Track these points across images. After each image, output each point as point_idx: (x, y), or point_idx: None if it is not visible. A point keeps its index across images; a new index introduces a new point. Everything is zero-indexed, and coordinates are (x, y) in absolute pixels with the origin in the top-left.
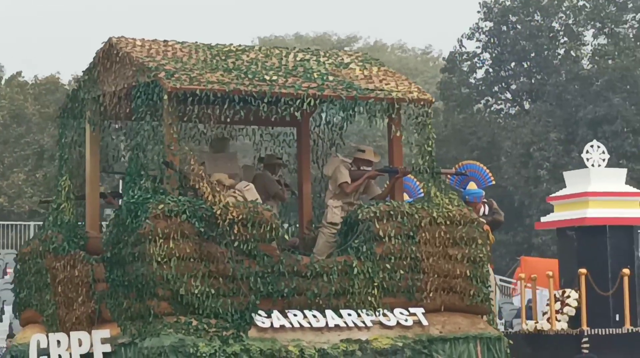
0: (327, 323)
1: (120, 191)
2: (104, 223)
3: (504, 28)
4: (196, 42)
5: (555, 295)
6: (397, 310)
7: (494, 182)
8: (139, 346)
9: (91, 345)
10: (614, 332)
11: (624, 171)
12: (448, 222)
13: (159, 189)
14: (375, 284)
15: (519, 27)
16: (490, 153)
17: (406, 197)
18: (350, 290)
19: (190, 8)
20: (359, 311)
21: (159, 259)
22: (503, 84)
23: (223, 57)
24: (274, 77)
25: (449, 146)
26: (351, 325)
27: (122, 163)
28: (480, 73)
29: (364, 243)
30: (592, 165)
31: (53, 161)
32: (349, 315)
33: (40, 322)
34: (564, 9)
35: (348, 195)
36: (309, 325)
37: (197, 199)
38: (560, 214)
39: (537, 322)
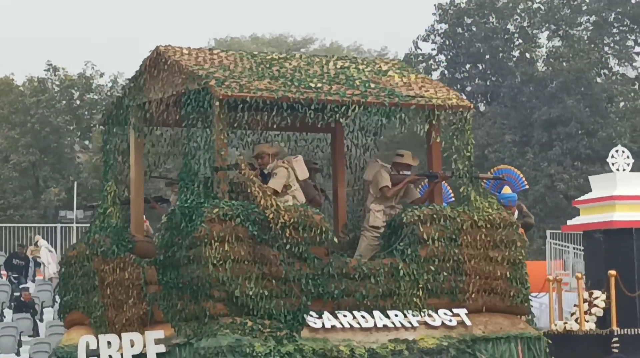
0: (375, 323)
1: (164, 197)
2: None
3: (459, 30)
4: (240, 51)
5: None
6: (441, 311)
7: (527, 186)
8: (195, 346)
9: (144, 346)
10: None
11: None
12: (488, 225)
13: (210, 193)
14: (420, 285)
15: (474, 29)
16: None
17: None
18: (397, 291)
19: (146, 9)
20: (405, 312)
21: (215, 261)
22: (458, 86)
23: (267, 66)
24: (319, 85)
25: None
26: (398, 325)
27: (164, 169)
28: (435, 75)
29: (409, 245)
30: (617, 169)
31: (6, 162)
32: (396, 315)
33: (87, 323)
34: (518, 11)
35: (389, 199)
36: (358, 326)
37: (249, 203)
38: (586, 218)
39: (566, 323)
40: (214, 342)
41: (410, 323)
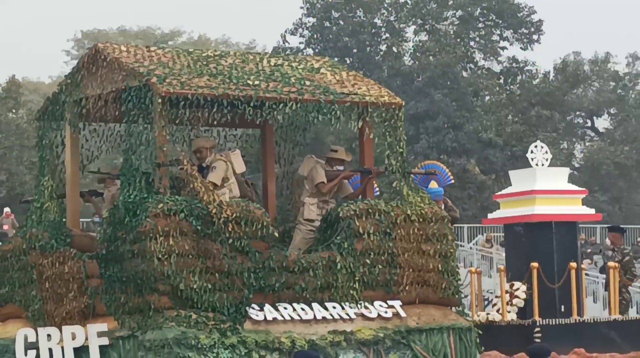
0: (314, 315)
1: (98, 191)
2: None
3: (327, 24)
4: (176, 48)
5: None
6: (376, 303)
7: (453, 181)
8: (140, 339)
9: (85, 339)
10: (563, 322)
11: (567, 170)
12: (421, 219)
13: (152, 189)
14: (357, 278)
15: (341, 23)
16: (314, 148)
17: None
18: (334, 284)
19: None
20: (343, 304)
21: (160, 256)
22: None
23: (204, 63)
24: (256, 82)
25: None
26: (336, 317)
27: (96, 163)
28: None
29: (345, 239)
30: (537, 164)
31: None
32: (334, 307)
33: (24, 317)
34: (385, 5)
35: (324, 194)
36: (298, 318)
37: (192, 198)
38: (507, 211)
39: (488, 313)
40: (160, 335)
41: (347, 315)
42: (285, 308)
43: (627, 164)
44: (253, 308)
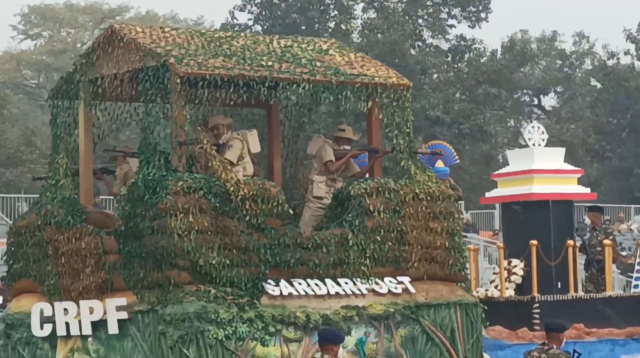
0: (328, 291)
1: (110, 169)
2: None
3: (276, 0)
4: (189, 29)
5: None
6: (386, 279)
7: (459, 161)
8: (160, 313)
9: (104, 313)
10: (560, 298)
11: (563, 150)
12: (429, 198)
13: (170, 167)
14: (367, 255)
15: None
16: (259, 124)
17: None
18: (346, 260)
19: None
20: (354, 280)
21: (180, 232)
22: None
23: (218, 44)
24: (269, 63)
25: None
26: (349, 292)
27: (106, 142)
28: None
29: (357, 217)
30: (534, 144)
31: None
32: (346, 283)
33: (38, 291)
34: None
35: (332, 172)
36: (313, 293)
37: (210, 176)
38: (505, 190)
39: (487, 290)
40: (181, 309)
41: (359, 290)
42: (299, 284)
43: (574, 142)
44: (269, 283)
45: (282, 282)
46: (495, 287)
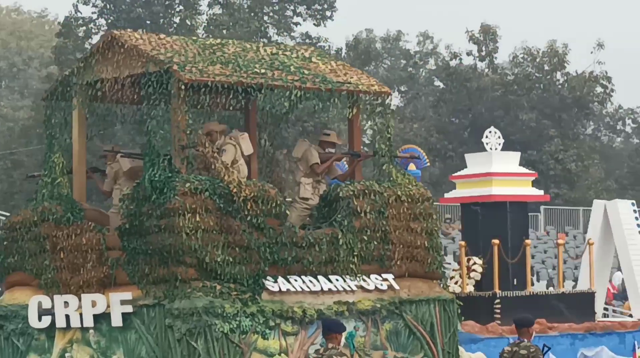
0: (321, 287)
1: (99, 168)
2: None
3: None
4: (181, 37)
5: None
6: (372, 276)
7: (429, 164)
8: (167, 307)
9: (107, 306)
10: (519, 294)
11: (518, 154)
12: (410, 199)
13: (174, 169)
14: (355, 253)
15: None
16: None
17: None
18: (337, 258)
19: None
20: (344, 277)
21: (187, 231)
22: None
23: (211, 51)
24: (262, 71)
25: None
26: (340, 289)
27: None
28: (96, 39)
29: (345, 217)
30: (491, 148)
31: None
32: (337, 280)
33: (34, 285)
34: None
35: (317, 174)
36: (308, 289)
37: (214, 178)
38: (464, 191)
39: (448, 286)
40: (189, 303)
41: (349, 287)
42: (295, 280)
43: (416, 141)
44: (268, 280)
45: (280, 279)
46: (455, 283)
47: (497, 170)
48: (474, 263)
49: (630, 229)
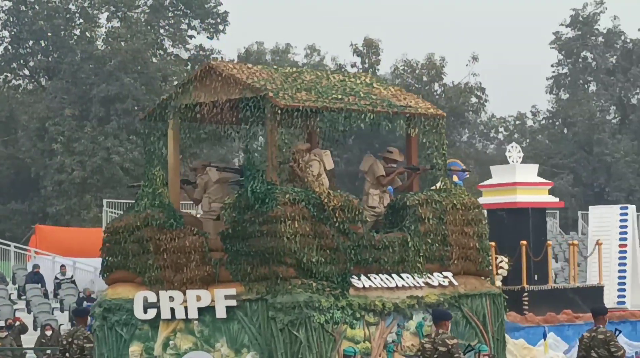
0: (396, 284)
1: (189, 179)
2: None
3: (23, 7)
4: (264, 66)
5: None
6: (435, 274)
7: (469, 175)
8: (270, 301)
9: (211, 300)
10: (542, 288)
11: (536, 166)
12: (464, 207)
13: (271, 181)
14: (421, 254)
15: (37, 7)
16: (7, 126)
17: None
18: (406, 258)
19: None
20: (413, 275)
21: (288, 236)
22: (21, 61)
23: (293, 79)
24: (339, 96)
25: None
26: (411, 285)
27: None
28: (0, 50)
29: (412, 223)
30: (513, 161)
31: None
32: (407, 277)
33: (137, 281)
34: None
35: (383, 185)
36: (385, 285)
37: (307, 190)
38: (489, 199)
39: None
40: (291, 298)
41: (418, 283)
42: (374, 278)
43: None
44: (353, 277)
45: (362, 277)
46: None
47: (520, 180)
48: (501, 261)
49: None
